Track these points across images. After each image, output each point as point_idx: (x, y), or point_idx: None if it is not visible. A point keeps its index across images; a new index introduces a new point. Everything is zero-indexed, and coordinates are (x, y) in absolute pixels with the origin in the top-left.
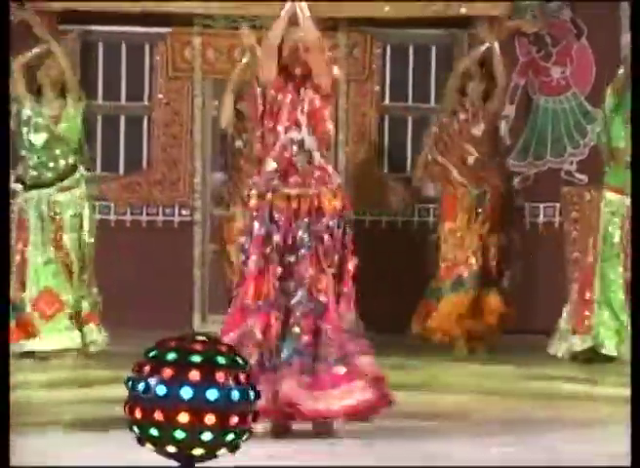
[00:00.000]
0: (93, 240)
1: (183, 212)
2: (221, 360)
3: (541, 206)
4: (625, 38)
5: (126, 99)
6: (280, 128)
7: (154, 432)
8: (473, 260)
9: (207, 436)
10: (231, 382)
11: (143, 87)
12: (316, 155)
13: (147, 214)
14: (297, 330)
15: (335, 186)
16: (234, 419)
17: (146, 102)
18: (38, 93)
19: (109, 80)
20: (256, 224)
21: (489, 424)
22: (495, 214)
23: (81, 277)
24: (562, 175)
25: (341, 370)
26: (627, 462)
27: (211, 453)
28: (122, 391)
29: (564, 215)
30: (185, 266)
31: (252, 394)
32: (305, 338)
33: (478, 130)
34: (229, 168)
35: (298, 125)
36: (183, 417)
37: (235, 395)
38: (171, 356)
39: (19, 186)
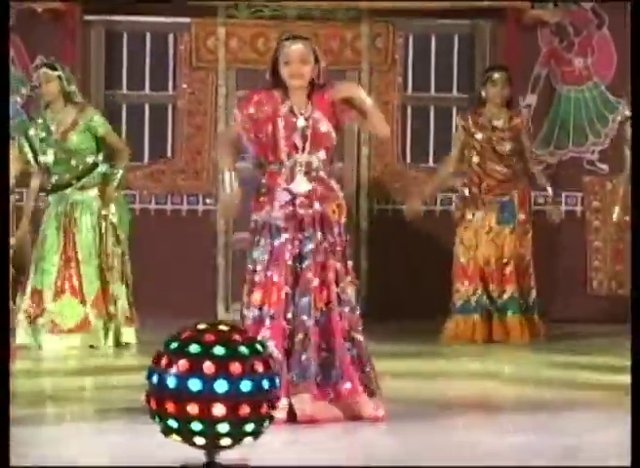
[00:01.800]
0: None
1: (207, 200)
2: (241, 350)
3: (564, 195)
4: None
5: (150, 89)
6: (282, 154)
7: (172, 423)
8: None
9: (226, 427)
10: (248, 372)
11: (168, 76)
12: (321, 173)
13: (172, 203)
14: (301, 336)
15: (338, 201)
16: (249, 409)
17: (171, 92)
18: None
19: (134, 70)
20: (265, 236)
21: (507, 411)
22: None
23: (108, 274)
24: (584, 165)
25: (344, 385)
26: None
27: (235, 442)
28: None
29: (586, 205)
30: (209, 255)
31: (272, 382)
32: (311, 348)
33: (503, 147)
34: None
35: (299, 148)
36: (193, 409)
37: (247, 386)
38: (188, 348)
39: (42, 194)
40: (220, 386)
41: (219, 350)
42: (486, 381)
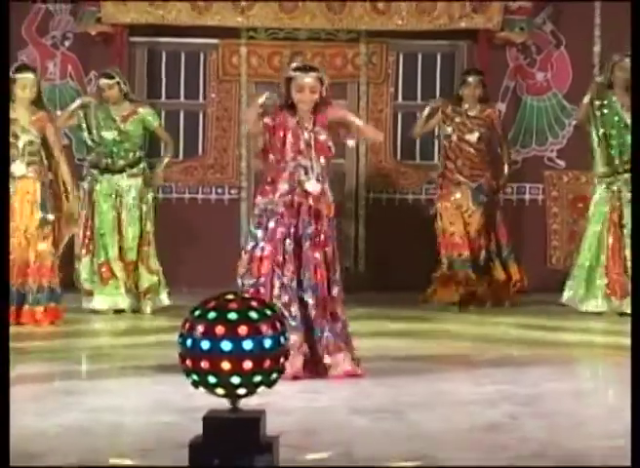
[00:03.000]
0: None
1: (232, 191)
2: (255, 314)
3: (527, 186)
4: (597, 48)
5: (184, 98)
6: (288, 157)
7: (203, 378)
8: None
9: (245, 379)
10: (264, 332)
11: (199, 88)
12: (319, 176)
13: (202, 193)
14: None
15: (328, 201)
16: (267, 362)
17: (201, 101)
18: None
19: (171, 82)
20: (265, 218)
21: (481, 365)
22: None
23: (141, 250)
24: (545, 161)
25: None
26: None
27: (253, 391)
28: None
29: (546, 194)
30: (233, 236)
31: (282, 340)
32: (312, 311)
33: (473, 136)
34: None
35: (304, 154)
36: (225, 365)
37: (268, 342)
38: (211, 315)
39: (93, 171)
40: (226, 345)
41: (232, 316)
42: (463, 341)
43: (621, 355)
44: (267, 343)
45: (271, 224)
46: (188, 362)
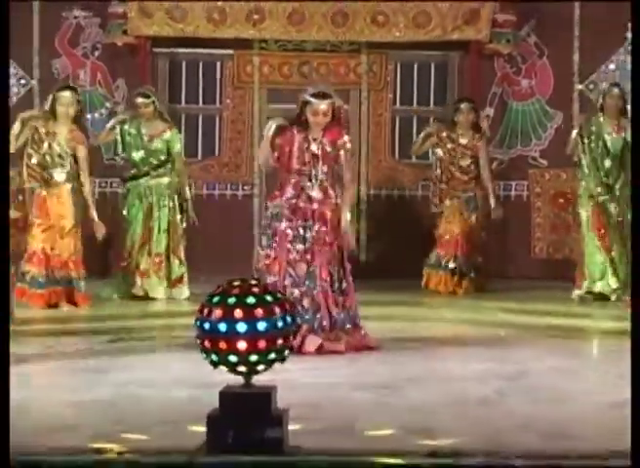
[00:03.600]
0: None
1: (245, 187)
2: (268, 298)
3: (513, 183)
4: (576, 57)
5: (202, 103)
6: (294, 168)
7: (223, 357)
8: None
9: (261, 356)
10: (276, 314)
11: (216, 94)
12: (324, 183)
13: (219, 189)
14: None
15: (332, 205)
16: (280, 341)
17: (218, 105)
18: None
19: (190, 89)
20: (274, 221)
21: (472, 345)
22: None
23: (171, 243)
24: (529, 160)
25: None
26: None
27: (268, 366)
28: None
29: (530, 190)
30: (247, 228)
31: (285, 322)
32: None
33: (465, 162)
34: None
35: (309, 164)
36: (242, 345)
37: (280, 323)
38: (229, 300)
39: (121, 182)
40: (241, 327)
41: (250, 300)
42: (456, 324)
43: (602, 337)
44: (279, 324)
45: (281, 227)
46: (207, 343)
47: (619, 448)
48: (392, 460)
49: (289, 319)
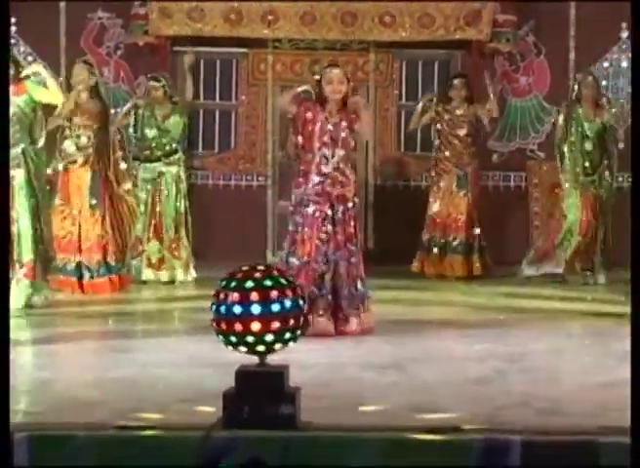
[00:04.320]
0: (186, 203)
1: (260, 178)
2: (281, 281)
3: (512, 174)
4: (572, 55)
5: (219, 99)
6: (315, 147)
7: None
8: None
9: (274, 336)
10: (287, 296)
11: (232, 91)
12: (342, 166)
13: (235, 180)
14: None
15: (352, 187)
16: (291, 322)
17: (234, 101)
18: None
19: (208, 86)
20: (302, 206)
21: (472, 328)
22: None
23: (177, 228)
24: (527, 153)
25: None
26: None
27: (282, 344)
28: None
29: (528, 181)
30: (261, 216)
31: (295, 304)
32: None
33: (461, 131)
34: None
35: (328, 145)
36: (255, 326)
37: (289, 305)
38: (245, 284)
39: (136, 162)
40: (255, 309)
41: (267, 282)
42: (456, 307)
43: (597, 319)
44: (288, 304)
45: (309, 210)
46: (223, 325)
47: (610, 424)
48: (397, 435)
49: (300, 301)
